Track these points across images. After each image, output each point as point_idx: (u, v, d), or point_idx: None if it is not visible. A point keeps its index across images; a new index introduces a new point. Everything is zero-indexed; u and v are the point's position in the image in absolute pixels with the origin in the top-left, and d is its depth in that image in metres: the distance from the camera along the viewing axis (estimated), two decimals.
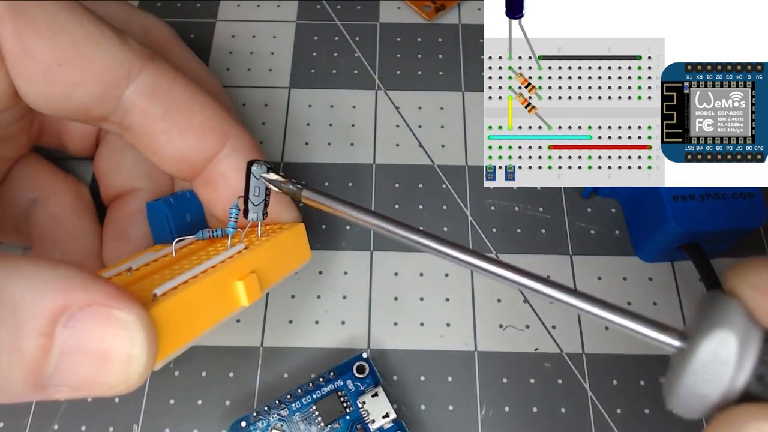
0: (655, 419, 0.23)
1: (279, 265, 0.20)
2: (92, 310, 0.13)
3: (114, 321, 0.14)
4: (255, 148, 0.22)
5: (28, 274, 0.13)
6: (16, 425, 0.23)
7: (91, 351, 0.14)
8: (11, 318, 0.13)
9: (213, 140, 0.20)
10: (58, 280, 0.13)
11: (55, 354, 0.13)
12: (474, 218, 0.27)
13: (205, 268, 0.18)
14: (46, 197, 0.23)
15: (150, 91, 0.19)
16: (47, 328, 0.13)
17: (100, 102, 0.19)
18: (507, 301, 0.25)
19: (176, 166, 0.21)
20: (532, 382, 0.24)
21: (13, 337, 0.13)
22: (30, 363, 0.13)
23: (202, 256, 0.20)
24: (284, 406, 0.22)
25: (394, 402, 0.23)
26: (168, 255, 0.20)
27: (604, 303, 0.14)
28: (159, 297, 0.16)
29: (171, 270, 0.19)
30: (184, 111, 0.20)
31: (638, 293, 0.25)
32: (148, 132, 0.20)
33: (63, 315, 0.13)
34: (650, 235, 0.25)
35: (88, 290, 0.13)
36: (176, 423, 0.23)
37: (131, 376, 0.14)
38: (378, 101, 0.30)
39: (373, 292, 0.25)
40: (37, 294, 0.13)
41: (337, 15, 0.32)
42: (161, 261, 0.20)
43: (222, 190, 0.21)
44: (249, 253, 0.19)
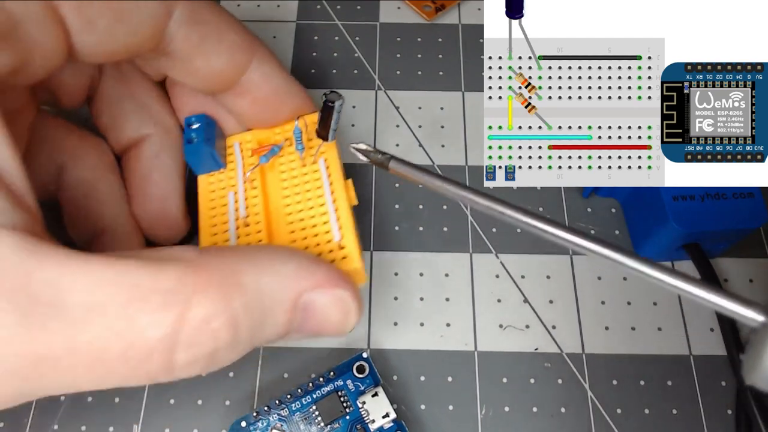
0: (655, 419, 0.23)
1: None
2: (319, 291, 0.18)
3: (334, 297, 0.18)
4: (277, 60, 0.24)
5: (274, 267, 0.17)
6: (16, 425, 0.23)
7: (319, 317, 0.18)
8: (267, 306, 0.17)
9: (242, 55, 0.23)
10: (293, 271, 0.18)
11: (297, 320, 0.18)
12: (474, 218, 0.27)
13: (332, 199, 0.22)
14: (73, 161, 0.24)
15: (187, 19, 0.21)
16: (291, 310, 0.17)
17: (150, 41, 0.21)
18: (507, 301, 0.25)
19: (212, 83, 0.23)
20: (532, 382, 0.24)
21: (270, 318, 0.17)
22: (279, 330, 0.18)
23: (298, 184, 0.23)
24: (284, 406, 0.22)
25: (394, 402, 0.23)
26: (247, 189, 0.23)
27: (692, 279, 0.15)
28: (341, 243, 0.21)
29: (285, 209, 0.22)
30: (217, 33, 0.22)
31: (638, 293, 0.25)
32: (187, 56, 0.22)
33: (300, 298, 0.18)
34: (650, 235, 0.25)
35: (315, 275, 0.18)
36: (176, 423, 0.23)
37: (347, 329, 0.19)
38: (378, 101, 0.30)
39: (373, 292, 0.25)
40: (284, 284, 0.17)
41: (337, 15, 0.32)
42: (255, 200, 0.23)
43: (254, 98, 0.23)
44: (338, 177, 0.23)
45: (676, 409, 0.23)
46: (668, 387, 0.23)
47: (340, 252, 0.21)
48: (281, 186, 0.23)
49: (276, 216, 0.23)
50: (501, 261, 0.26)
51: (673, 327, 0.25)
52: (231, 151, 0.25)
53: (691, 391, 0.23)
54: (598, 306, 0.25)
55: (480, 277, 0.26)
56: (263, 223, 0.22)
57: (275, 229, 0.22)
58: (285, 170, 0.24)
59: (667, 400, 0.23)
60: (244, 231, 0.22)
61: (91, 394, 0.23)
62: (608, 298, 0.25)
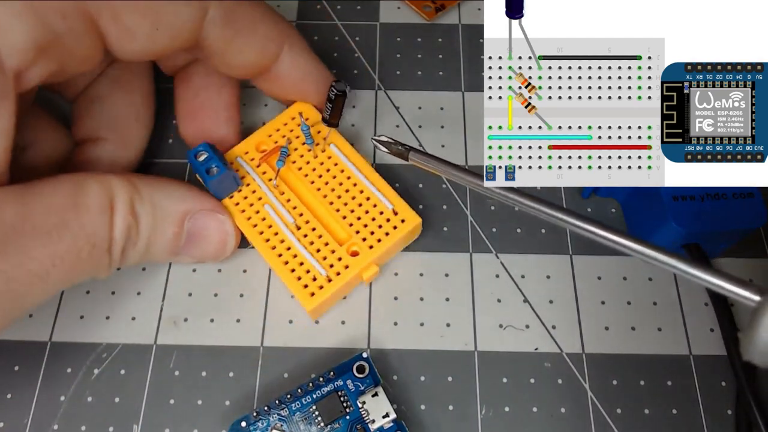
0: (655, 419, 0.23)
1: None
2: (204, 212, 0.23)
3: (215, 220, 0.24)
4: (305, 44, 0.25)
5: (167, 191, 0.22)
6: (16, 425, 0.23)
7: (203, 235, 0.23)
8: (158, 215, 0.22)
9: (274, 45, 0.24)
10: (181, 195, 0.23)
11: (183, 236, 0.23)
12: (474, 218, 0.27)
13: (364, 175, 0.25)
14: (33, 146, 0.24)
15: (222, 17, 0.22)
16: (178, 224, 0.23)
17: (187, 43, 0.22)
18: (507, 301, 0.25)
19: (245, 72, 0.25)
20: (532, 382, 0.24)
21: (160, 226, 0.22)
22: (170, 241, 0.23)
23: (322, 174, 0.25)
24: (284, 406, 0.22)
25: (394, 402, 0.23)
26: (277, 195, 0.25)
27: (696, 262, 0.16)
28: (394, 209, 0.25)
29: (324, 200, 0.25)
30: (250, 26, 0.23)
31: (638, 293, 0.25)
32: (221, 51, 0.23)
33: (187, 215, 0.23)
34: (650, 235, 0.25)
35: (200, 201, 0.23)
36: (176, 423, 0.23)
37: (226, 253, 0.25)
38: (378, 101, 0.30)
39: (373, 292, 0.25)
40: (173, 203, 0.22)
41: (337, 15, 0.32)
42: (292, 203, 0.25)
43: (284, 83, 0.26)
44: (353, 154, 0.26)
45: (676, 409, 0.23)
46: (668, 387, 0.23)
47: (397, 217, 0.24)
48: (307, 181, 0.25)
49: (320, 209, 0.25)
50: (501, 261, 0.26)
51: (673, 327, 0.25)
52: (236, 165, 0.25)
53: (691, 391, 0.23)
54: (598, 306, 0.25)
55: (480, 277, 0.26)
56: (314, 220, 0.24)
57: (327, 221, 0.24)
58: (301, 165, 0.25)
59: (667, 400, 0.23)
60: (299, 234, 0.24)
61: (91, 394, 0.23)
62: (608, 298, 0.25)
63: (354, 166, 0.25)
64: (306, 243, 0.24)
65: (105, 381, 0.24)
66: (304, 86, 0.26)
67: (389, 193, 0.24)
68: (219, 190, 0.24)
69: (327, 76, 0.26)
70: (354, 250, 0.24)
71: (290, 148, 0.25)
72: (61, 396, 0.23)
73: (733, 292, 0.15)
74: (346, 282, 0.23)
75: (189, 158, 0.24)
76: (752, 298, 0.15)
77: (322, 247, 0.24)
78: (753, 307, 0.15)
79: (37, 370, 0.24)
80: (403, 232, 0.24)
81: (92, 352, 0.24)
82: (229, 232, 0.24)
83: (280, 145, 0.25)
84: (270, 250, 0.23)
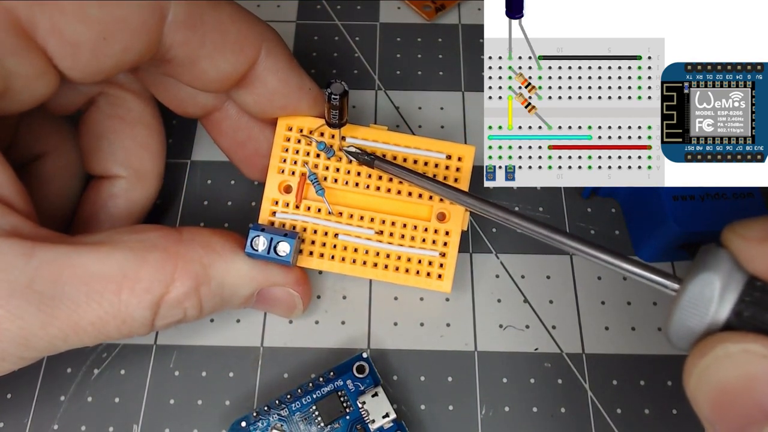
0: (655, 419, 0.23)
1: None
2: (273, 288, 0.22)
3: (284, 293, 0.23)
4: (283, 44, 0.22)
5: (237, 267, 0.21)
6: (16, 425, 0.23)
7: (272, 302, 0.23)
8: (226, 295, 0.21)
9: (250, 49, 0.21)
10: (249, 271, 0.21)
11: (250, 305, 0.22)
12: (474, 218, 0.27)
13: None
14: (53, 156, 0.23)
15: (183, 20, 0.19)
16: (246, 301, 0.22)
17: (145, 53, 0.19)
18: (507, 301, 0.25)
19: (220, 84, 0.21)
20: (532, 382, 0.24)
21: (227, 303, 0.21)
22: (237, 308, 0.22)
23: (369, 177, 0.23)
24: (284, 406, 0.22)
25: (394, 402, 0.23)
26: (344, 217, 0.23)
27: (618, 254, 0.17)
28: None
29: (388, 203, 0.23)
30: (219, 29, 0.20)
31: (638, 293, 0.25)
32: (190, 60, 0.20)
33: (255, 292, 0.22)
34: (650, 235, 0.25)
35: (270, 277, 0.22)
36: (176, 423, 0.23)
37: (294, 317, 0.24)
38: (378, 101, 0.30)
39: (373, 292, 0.25)
40: (244, 285, 0.21)
41: (337, 15, 0.32)
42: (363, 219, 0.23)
43: (262, 92, 0.22)
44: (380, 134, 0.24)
45: (676, 409, 0.23)
46: (668, 387, 0.23)
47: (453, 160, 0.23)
48: (355, 187, 0.23)
49: (385, 203, 0.23)
50: (501, 261, 0.26)
51: None
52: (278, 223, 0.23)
53: None
54: (598, 306, 0.25)
55: (480, 277, 0.26)
56: (387, 216, 0.23)
57: (398, 208, 0.23)
58: (336, 178, 0.23)
59: (667, 400, 0.23)
60: (386, 238, 0.23)
61: (91, 394, 0.23)
62: (608, 298, 0.25)
63: (382, 143, 0.23)
64: (397, 241, 0.23)
65: (105, 381, 0.24)
66: (289, 92, 0.22)
67: (432, 145, 0.23)
68: (293, 257, 0.22)
69: (309, 79, 0.23)
70: (440, 213, 0.23)
71: (311, 167, 0.23)
72: (61, 396, 0.23)
73: (654, 281, 0.16)
74: (456, 245, 0.23)
75: (248, 253, 0.21)
76: (672, 287, 0.16)
77: (414, 234, 0.23)
78: (672, 296, 0.16)
79: (37, 370, 0.24)
80: (469, 165, 0.23)
81: (92, 352, 0.24)
82: (298, 305, 0.23)
83: (302, 172, 0.23)
84: (372, 269, 0.23)
